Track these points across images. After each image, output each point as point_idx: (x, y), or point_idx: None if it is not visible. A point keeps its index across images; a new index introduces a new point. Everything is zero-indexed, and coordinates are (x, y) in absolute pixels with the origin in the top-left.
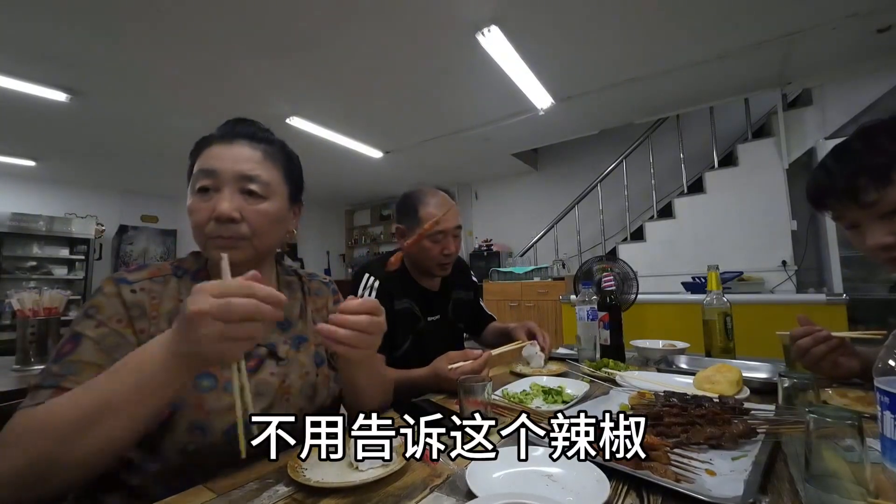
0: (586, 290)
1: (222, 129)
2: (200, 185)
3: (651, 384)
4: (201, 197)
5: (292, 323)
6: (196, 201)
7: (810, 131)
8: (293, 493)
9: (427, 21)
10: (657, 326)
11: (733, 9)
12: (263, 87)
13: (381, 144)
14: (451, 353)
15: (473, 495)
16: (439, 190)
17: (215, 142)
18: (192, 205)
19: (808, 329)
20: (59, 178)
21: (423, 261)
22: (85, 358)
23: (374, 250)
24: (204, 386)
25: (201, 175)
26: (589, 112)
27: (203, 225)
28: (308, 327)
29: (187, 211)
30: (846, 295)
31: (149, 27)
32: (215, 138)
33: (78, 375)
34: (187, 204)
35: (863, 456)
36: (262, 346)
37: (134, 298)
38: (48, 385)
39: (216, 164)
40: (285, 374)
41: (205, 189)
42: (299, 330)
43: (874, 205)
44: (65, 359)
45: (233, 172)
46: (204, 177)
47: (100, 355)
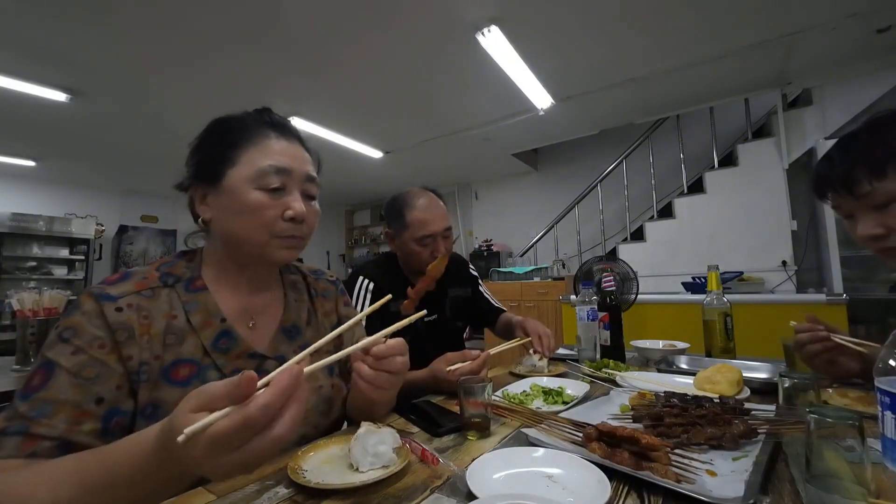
0: (586, 291)
1: (270, 119)
2: (273, 184)
3: (651, 385)
4: (271, 195)
5: (301, 330)
6: (265, 198)
7: (810, 131)
8: (293, 495)
9: (427, 21)
10: (657, 327)
11: (733, 9)
12: (264, 87)
13: (381, 144)
14: (450, 355)
15: (474, 496)
16: (427, 190)
17: (273, 135)
18: (259, 201)
19: (811, 326)
20: (59, 178)
21: (412, 264)
22: (60, 395)
23: (374, 250)
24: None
25: (274, 173)
26: (589, 112)
27: (272, 223)
28: (318, 335)
29: (245, 206)
30: (846, 295)
31: (149, 27)
32: (270, 129)
33: (51, 418)
34: (244, 198)
35: (864, 456)
36: (271, 359)
37: (120, 318)
38: (14, 431)
39: (289, 163)
40: None
41: (280, 188)
42: (308, 338)
43: (867, 196)
44: (35, 395)
45: (302, 173)
46: (277, 175)
47: (76, 391)
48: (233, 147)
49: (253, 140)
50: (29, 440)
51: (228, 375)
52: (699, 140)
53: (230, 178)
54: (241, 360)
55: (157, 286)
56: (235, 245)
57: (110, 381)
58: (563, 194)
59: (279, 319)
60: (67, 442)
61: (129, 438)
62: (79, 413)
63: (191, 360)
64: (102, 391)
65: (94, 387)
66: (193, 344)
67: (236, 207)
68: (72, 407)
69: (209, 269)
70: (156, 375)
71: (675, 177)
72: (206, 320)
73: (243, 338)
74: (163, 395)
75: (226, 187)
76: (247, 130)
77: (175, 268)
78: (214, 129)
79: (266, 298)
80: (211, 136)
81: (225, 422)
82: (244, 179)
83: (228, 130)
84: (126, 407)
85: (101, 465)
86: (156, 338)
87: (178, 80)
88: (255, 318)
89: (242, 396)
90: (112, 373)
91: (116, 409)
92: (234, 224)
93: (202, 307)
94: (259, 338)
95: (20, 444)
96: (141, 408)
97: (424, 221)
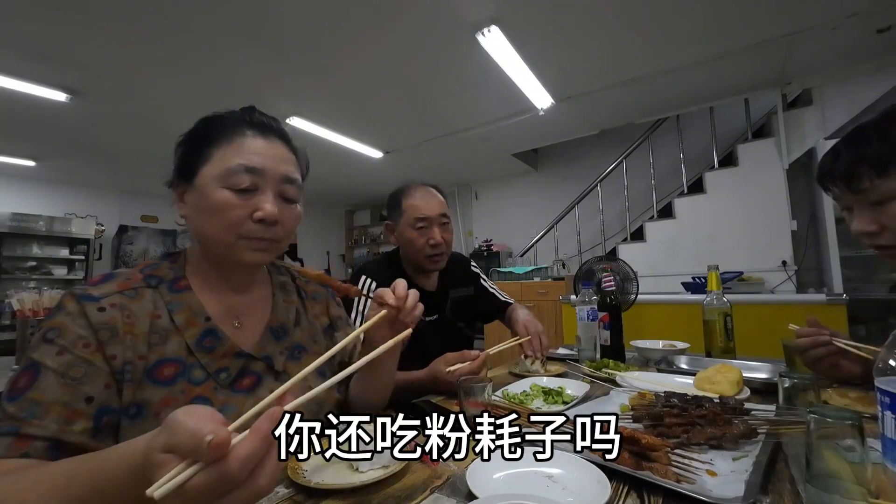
0: (586, 291)
1: (250, 118)
2: (243, 184)
3: (651, 385)
4: (239, 195)
5: (288, 331)
6: (232, 197)
7: (810, 131)
8: (293, 495)
9: (427, 21)
10: (657, 327)
11: (733, 9)
12: (264, 87)
13: (381, 144)
14: (449, 355)
15: (474, 496)
16: (428, 186)
17: (249, 133)
18: (224, 200)
19: (812, 330)
20: (59, 178)
21: (411, 254)
22: (48, 396)
23: (374, 250)
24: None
25: (243, 172)
26: (589, 112)
27: (238, 224)
28: (307, 336)
29: (212, 206)
30: (846, 295)
31: (149, 27)
32: (248, 128)
33: (42, 418)
34: (211, 196)
35: (864, 456)
36: (258, 359)
37: (102, 318)
38: (6, 432)
39: (262, 163)
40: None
41: (247, 188)
42: (297, 338)
43: (866, 192)
44: (23, 396)
45: (277, 173)
46: (247, 174)
47: (64, 390)
48: (208, 144)
49: (227, 137)
50: (20, 441)
51: (213, 374)
52: (699, 140)
53: (202, 175)
54: (226, 359)
55: (141, 286)
56: (205, 245)
57: (98, 380)
58: (563, 194)
59: (266, 319)
60: (60, 442)
61: (118, 451)
62: (69, 413)
63: (175, 360)
64: (91, 390)
65: (82, 386)
66: (177, 343)
67: (205, 206)
68: (62, 407)
69: (194, 269)
70: (140, 375)
71: (675, 177)
72: (189, 319)
73: (229, 337)
74: (147, 394)
75: (197, 185)
76: (224, 128)
77: (159, 269)
78: (197, 126)
79: (252, 298)
80: (192, 133)
81: (200, 477)
82: (213, 177)
83: (206, 128)
84: (116, 405)
85: (89, 477)
86: (140, 337)
87: (179, 80)
88: (241, 318)
89: (210, 460)
90: (99, 372)
91: (107, 407)
92: (203, 223)
93: (186, 306)
94: (245, 337)
95: (12, 445)
96: (125, 408)
97: (419, 206)
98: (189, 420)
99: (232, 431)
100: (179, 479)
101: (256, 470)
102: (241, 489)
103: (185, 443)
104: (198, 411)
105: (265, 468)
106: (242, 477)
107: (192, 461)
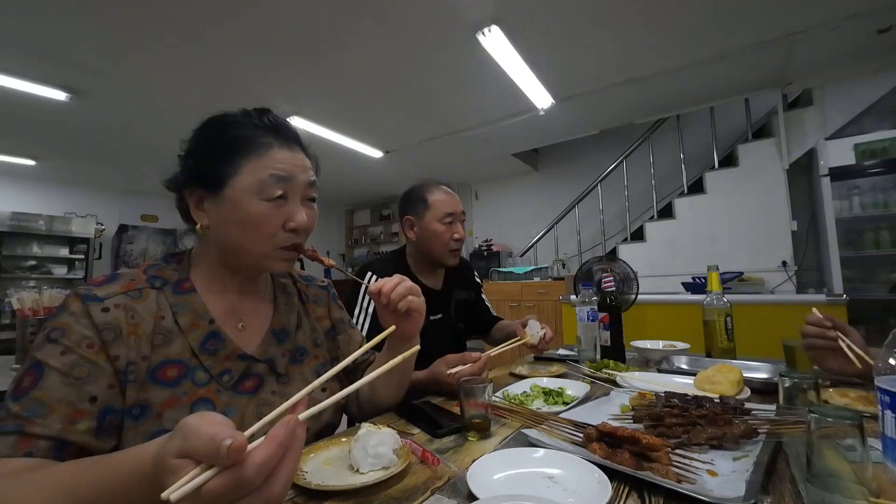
0: (586, 291)
1: (269, 123)
2: (275, 195)
3: (652, 385)
4: (273, 204)
5: (289, 334)
6: (269, 208)
7: (810, 132)
8: (294, 497)
9: (427, 21)
10: (657, 327)
11: (733, 9)
12: (264, 87)
13: (382, 144)
14: (450, 357)
15: (475, 497)
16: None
17: (276, 144)
18: (262, 213)
19: (821, 320)
20: (59, 177)
21: (435, 247)
22: (52, 395)
23: (374, 250)
24: (201, 409)
25: (277, 181)
26: (589, 112)
27: (274, 235)
28: (308, 339)
29: (249, 218)
30: (846, 295)
31: (149, 27)
32: (272, 138)
33: (46, 417)
34: (248, 209)
35: (864, 455)
36: (261, 361)
37: (106, 318)
38: (10, 430)
39: (292, 171)
40: (287, 393)
41: (283, 196)
42: (299, 341)
43: None
44: (27, 395)
45: (303, 181)
46: (279, 182)
47: (68, 390)
48: (235, 155)
49: (255, 150)
50: (24, 440)
51: (217, 377)
52: (699, 140)
53: (233, 187)
54: (229, 361)
55: (145, 287)
56: (234, 254)
57: (101, 380)
58: (563, 194)
59: (269, 322)
60: (63, 441)
61: (127, 455)
62: (73, 412)
63: (178, 361)
64: (95, 390)
65: (86, 386)
66: (181, 345)
67: (238, 218)
68: (66, 406)
69: (198, 271)
70: (143, 376)
71: (675, 177)
72: (193, 321)
73: (232, 339)
74: (151, 395)
75: (227, 197)
76: (248, 138)
77: (163, 271)
78: (212, 131)
79: (255, 301)
80: (209, 139)
81: (217, 481)
82: (247, 190)
83: (230, 138)
84: (119, 406)
85: (97, 480)
86: (143, 338)
87: (179, 79)
88: (245, 320)
89: (228, 465)
90: (103, 372)
91: (110, 407)
92: (237, 234)
93: (190, 308)
94: (248, 340)
95: (16, 444)
96: (128, 408)
97: (446, 201)
98: (205, 425)
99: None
100: (196, 482)
101: (271, 476)
102: (256, 494)
103: (202, 447)
104: (212, 417)
105: (280, 474)
106: (258, 482)
107: (207, 466)
